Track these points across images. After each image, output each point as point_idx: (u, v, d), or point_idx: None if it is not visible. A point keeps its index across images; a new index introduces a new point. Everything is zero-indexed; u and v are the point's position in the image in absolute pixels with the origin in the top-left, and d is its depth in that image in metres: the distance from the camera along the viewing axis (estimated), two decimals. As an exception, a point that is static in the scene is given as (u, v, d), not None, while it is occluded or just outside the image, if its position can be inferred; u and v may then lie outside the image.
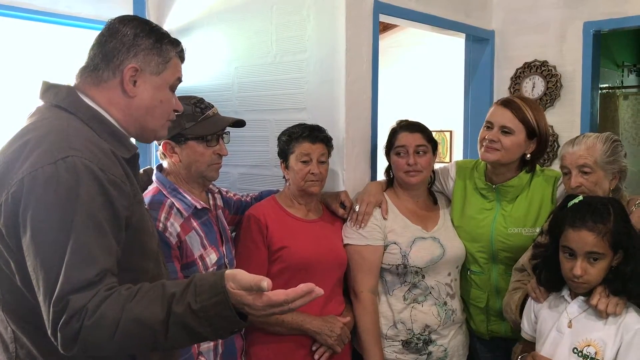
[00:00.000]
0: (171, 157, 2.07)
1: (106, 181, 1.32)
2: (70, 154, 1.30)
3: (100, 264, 1.28)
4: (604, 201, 1.88)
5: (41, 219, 1.26)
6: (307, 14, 2.70)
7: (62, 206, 1.27)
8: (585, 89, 3.32)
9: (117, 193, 1.34)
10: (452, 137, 5.26)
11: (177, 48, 1.57)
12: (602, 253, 1.80)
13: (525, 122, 2.30)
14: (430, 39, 4.86)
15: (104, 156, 1.36)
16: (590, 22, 3.27)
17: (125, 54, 1.48)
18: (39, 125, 1.40)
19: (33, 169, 1.29)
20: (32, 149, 1.32)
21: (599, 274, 1.82)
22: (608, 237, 1.79)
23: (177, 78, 1.58)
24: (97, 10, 3.02)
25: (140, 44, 1.49)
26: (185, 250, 2.00)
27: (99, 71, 1.48)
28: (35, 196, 1.27)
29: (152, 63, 1.50)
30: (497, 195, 2.42)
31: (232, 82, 3.02)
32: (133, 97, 1.50)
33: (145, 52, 1.50)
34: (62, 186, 1.27)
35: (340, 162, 2.61)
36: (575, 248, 1.82)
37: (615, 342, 1.78)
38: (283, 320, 2.24)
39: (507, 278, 2.33)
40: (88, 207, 1.28)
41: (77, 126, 1.41)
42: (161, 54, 1.52)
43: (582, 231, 1.81)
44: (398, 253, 2.37)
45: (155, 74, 1.52)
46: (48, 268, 1.25)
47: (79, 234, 1.26)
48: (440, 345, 2.40)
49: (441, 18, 3.16)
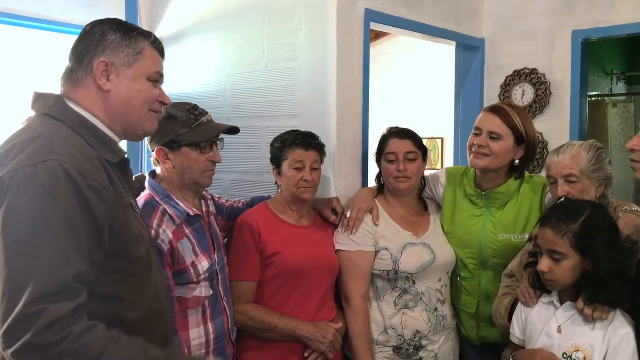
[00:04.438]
0: (164, 163, 2.08)
1: (85, 186, 1.33)
2: (50, 157, 1.32)
3: (75, 267, 1.28)
4: (581, 204, 1.91)
5: (14, 216, 1.27)
6: (298, 21, 2.72)
7: (37, 206, 1.27)
8: (574, 97, 3.36)
9: (96, 198, 1.35)
10: (443, 144, 5.29)
11: (148, 39, 1.58)
12: (563, 252, 1.82)
13: (513, 128, 2.33)
14: (420, 47, 4.90)
15: (85, 161, 1.37)
16: (578, 31, 3.31)
17: (93, 50, 1.51)
18: (25, 132, 1.42)
19: (13, 168, 1.30)
20: (16, 153, 1.34)
21: (564, 274, 1.84)
22: (569, 237, 1.81)
23: (156, 71, 1.58)
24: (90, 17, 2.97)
25: (108, 39, 1.51)
26: (176, 257, 2.00)
27: (74, 72, 1.51)
28: (11, 194, 1.28)
29: (121, 55, 1.52)
30: (486, 202, 2.44)
31: (223, 89, 3.04)
32: (108, 92, 1.51)
33: (113, 45, 1.51)
34: (39, 187, 1.28)
35: (332, 168, 2.62)
36: (540, 244, 1.88)
37: (603, 347, 1.80)
38: (275, 327, 2.24)
39: (496, 284, 2.35)
40: (64, 210, 1.29)
41: (63, 132, 1.43)
42: (130, 45, 1.53)
43: (545, 229, 1.87)
44: (389, 259, 2.38)
45: (126, 66, 1.53)
46: (15, 267, 1.25)
47: (54, 236, 1.27)
48: (430, 351, 2.42)
49: (432, 26, 3.18)
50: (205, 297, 2.08)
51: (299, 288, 2.32)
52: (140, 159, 3.21)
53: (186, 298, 2.02)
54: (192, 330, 2.03)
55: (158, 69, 1.60)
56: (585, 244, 1.81)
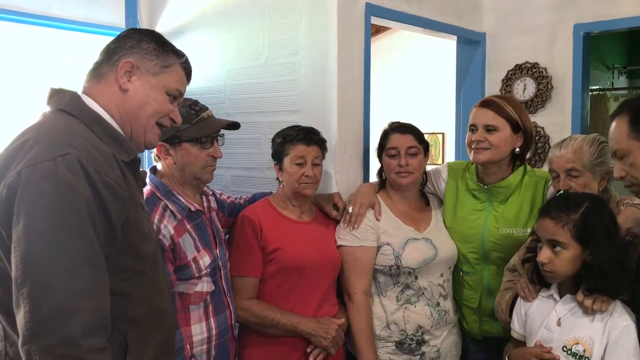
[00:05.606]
0: (165, 159, 2.08)
1: (99, 183, 1.34)
2: (69, 151, 1.32)
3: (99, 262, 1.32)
4: (581, 196, 1.92)
5: (37, 211, 1.28)
6: (299, 16, 2.71)
7: (59, 202, 1.28)
8: (575, 91, 3.35)
9: (109, 195, 1.36)
10: (444, 139, 5.28)
11: (180, 58, 1.62)
12: (563, 242, 1.82)
13: (507, 117, 2.34)
14: (421, 42, 4.89)
15: (101, 158, 1.38)
16: (580, 24, 3.30)
17: (125, 51, 1.54)
18: (40, 126, 1.43)
19: (31, 163, 1.30)
20: (31, 146, 1.34)
21: (563, 265, 1.84)
22: (570, 227, 1.82)
23: (177, 89, 1.61)
24: (89, 13, 3.03)
25: (143, 46, 1.55)
26: (178, 252, 2.00)
27: (101, 67, 1.54)
28: (32, 189, 1.28)
29: (150, 63, 1.55)
30: (488, 196, 2.44)
31: (224, 85, 3.03)
32: (126, 92, 1.53)
33: (145, 53, 1.55)
34: (60, 182, 1.29)
35: (333, 164, 2.62)
36: (540, 235, 1.88)
37: (603, 340, 1.79)
38: (278, 323, 2.24)
39: (499, 278, 2.34)
40: (86, 204, 1.30)
41: (78, 128, 1.44)
42: (161, 57, 1.57)
43: (545, 219, 1.87)
44: (391, 254, 2.38)
45: (151, 74, 1.55)
46: (43, 262, 1.26)
47: (80, 228, 1.29)
48: (433, 346, 2.41)
49: (433, 20, 3.18)
50: (207, 292, 2.07)
51: (301, 284, 2.32)
52: (141, 156, 3.21)
53: (188, 294, 2.02)
54: (194, 326, 2.03)
55: (180, 87, 1.62)
56: (585, 234, 1.81)
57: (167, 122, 1.63)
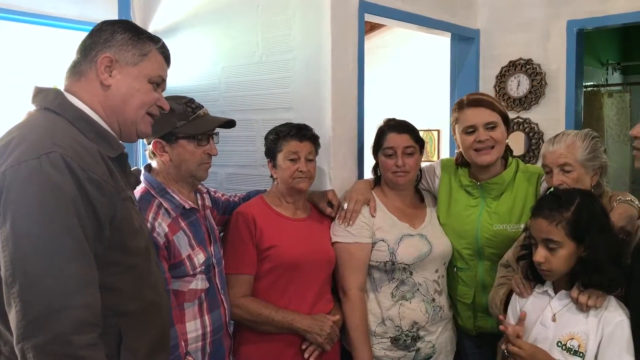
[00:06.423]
0: (161, 156, 2.08)
1: (85, 179, 1.34)
2: (53, 149, 1.33)
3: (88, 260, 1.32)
4: (572, 193, 1.92)
5: (24, 211, 1.28)
6: (292, 13, 2.71)
7: (45, 200, 1.28)
8: (569, 87, 3.36)
9: (95, 191, 1.36)
10: (439, 136, 5.28)
11: (156, 44, 1.60)
12: (558, 241, 1.83)
13: (500, 112, 2.38)
14: (416, 39, 4.90)
15: (86, 154, 1.39)
16: (573, 21, 3.31)
17: (100, 46, 1.52)
18: (24, 125, 1.43)
19: (16, 162, 1.31)
20: (15, 145, 1.34)
21: (560, 262, 1.85)
22: (564, 226, 1.82)
23: (159, 75, 1.60)
24: (82, 11, 3.02)
25: (117, 37, 1.54)
26: (172, 250, 2.00)
27: (79, 65, 1.53)
28: (17, 188, 1.29)
29: (127, 54, 1.54)
30: (482, 192, 2.44)
31: (218, 82, 3.03)
32: (109, 87, 1.52)
33: (121, 44, 1.53)
34: (46, 181, 1.29)
35: (327, 161, 2.62)
36: (534, 235, 1.89)
37: (597, 335, 1.80)
38: (273, 319, 2.25)
39: (493, 274, 2.35)
40: (73, 202, 1.31)
41: (63, 126, 1.43)
42: (137, 46, 1.55)
43: (538, 219, 1.87)
44: (386, 250, 2.39)
45: (131, 65, 1.54)
46: (34, 262, 1.26)
47: (69, 227, 1.29)
48: (428, 342, 2.42)
49: (427, 17, 3.18)
50: (202, 290, 2.08)
51: (295, 281, 2.32)
52: (135, 153, 3.21)
53: (182, 291, 2.02)
54: (188, 323, 2.03)
55: (161, 73, 1.61)
56: (579, 231, 1.82)
57: (156, 110, 1.62)
